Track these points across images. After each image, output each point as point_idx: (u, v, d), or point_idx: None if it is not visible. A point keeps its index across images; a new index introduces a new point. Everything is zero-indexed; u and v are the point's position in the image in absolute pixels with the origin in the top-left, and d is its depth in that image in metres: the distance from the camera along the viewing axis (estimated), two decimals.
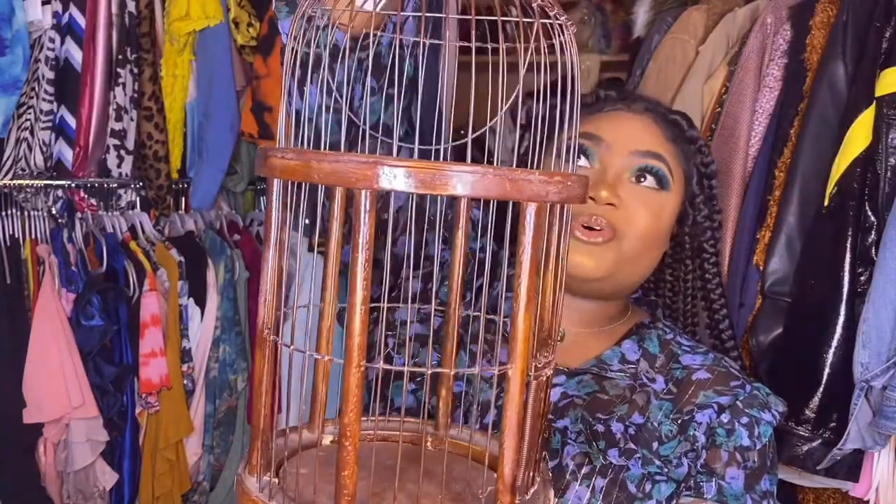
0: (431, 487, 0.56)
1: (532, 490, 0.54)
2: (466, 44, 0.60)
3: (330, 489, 0.53)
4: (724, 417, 0.88)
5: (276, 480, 0.54)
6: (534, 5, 0.54)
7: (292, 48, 0.56)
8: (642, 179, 0.91)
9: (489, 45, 0.58)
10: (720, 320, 1.03)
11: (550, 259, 0.53)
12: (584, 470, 0.84)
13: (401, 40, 0.82)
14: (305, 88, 0.74)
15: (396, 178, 0.43)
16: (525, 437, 0.52)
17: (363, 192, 0.44)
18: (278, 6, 0.86)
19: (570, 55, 0.55)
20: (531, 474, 0.55)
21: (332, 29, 0.69)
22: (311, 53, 0.60)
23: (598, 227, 0.87)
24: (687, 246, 1.00)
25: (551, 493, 0.56)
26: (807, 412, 1.25)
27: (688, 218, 0.98)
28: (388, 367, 0.47)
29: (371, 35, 0.69)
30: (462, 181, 0.43)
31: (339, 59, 0.77)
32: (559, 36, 0.55)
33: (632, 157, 0.91)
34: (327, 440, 0.63)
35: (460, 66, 0.64)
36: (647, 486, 0.84)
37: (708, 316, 1.03)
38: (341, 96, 0.86)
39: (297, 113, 0.86)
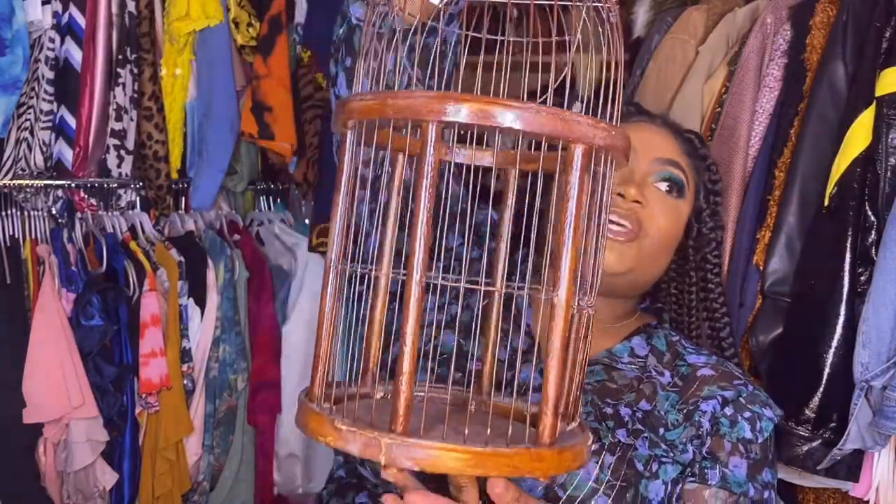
0: (476, 427, 0.59)
1: (573, 424, 0.57)
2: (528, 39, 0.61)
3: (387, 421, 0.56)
4: (728, 410, 0.91)
5: (335, 408, 0.58)
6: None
7: (367, 33, 0.61)
8: (665, 185, 0.98)
9: (540, 40, 0.59)
10: (721, 328, 1.07)
11: (594, 213, 0.58)
12: (594, 447, 0.87)
13: (445, 34, 0.85)
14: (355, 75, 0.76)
15: (461, 111, 0.49)
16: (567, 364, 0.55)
17: (431, 124, 0.50)
18: None
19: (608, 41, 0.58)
20: (571, 410, 0.58)
21: (393, 16, 0.70)
22: (379, 36, 0.63)
23: (625, 223, 0.93)
24: (691, 258, 1.06)
25: (590, 434, 0.59)
26: (807, 412, 1.25)
27: (693, 230, 1.04)
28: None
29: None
30: (518, 116, 0.49)
31: (393, 48, 0.79)
32: (606, 21, 0.59)
33: (656, 163, 0.98)
34: (378, 394, 0.67)
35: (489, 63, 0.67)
36: (654, 467, 0.88)
37: (710, 326, 1.07)
38: (389, 84, 0.88)
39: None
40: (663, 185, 0.98)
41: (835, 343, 1.23)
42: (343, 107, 0.54)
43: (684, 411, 0.91)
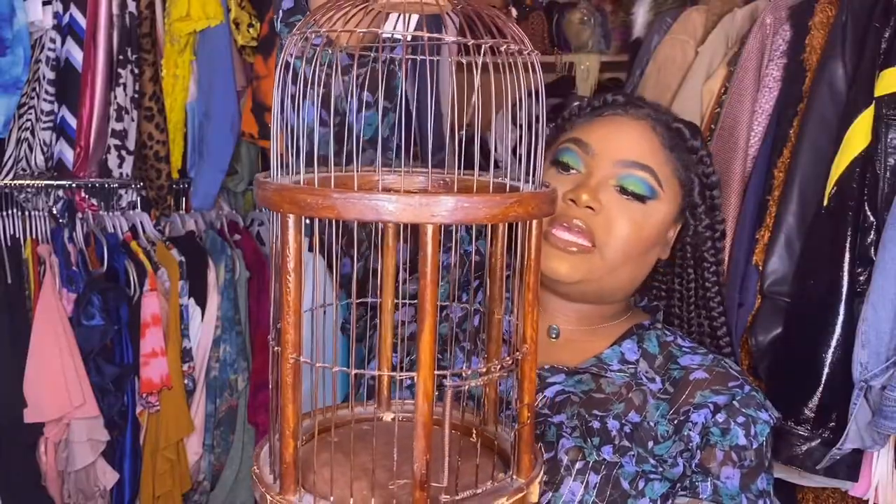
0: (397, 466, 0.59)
1: (472, 493, 0.55)
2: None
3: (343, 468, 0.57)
4: (720, 417, 0.88)
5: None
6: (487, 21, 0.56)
7: (287, 63, 0.58)
8: (625, 190, 0.91)
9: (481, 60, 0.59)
10: (718, 327, 1.04)
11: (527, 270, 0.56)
12: (578, 465, 0.85)
13: (394, 56, 0.83)
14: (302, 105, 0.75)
15: (311, 205, 0.49)
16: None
17: (288, 216, 0.51)
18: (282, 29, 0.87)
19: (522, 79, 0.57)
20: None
21: (323, 47, 0.70)
22: (310, 71, 0.61)
23: (577, 231, 0.88)
24: (688, 255, 1.01)
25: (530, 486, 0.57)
26: (806, 412, 1.25)
27: (689, 227, 0.99)
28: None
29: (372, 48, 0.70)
30: (338, 203, 0.48)
31: (337, 76, 0.78)
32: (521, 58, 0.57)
33: (617, 166, 0.92)
34: (388, 417, 0.70)
35: (458, 68, 0.66)
36: (641, 484, 0.85)
37: (708, 325, 1.04)
38: (337, 111, 0.86)
39: (291, 128, 0.87)
40: (624, 192, 0.91)
41: (834, 343, 1.23)
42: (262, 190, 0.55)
43: (675, 422, 0.88)
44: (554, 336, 0.96)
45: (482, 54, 0.55)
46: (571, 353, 0.95)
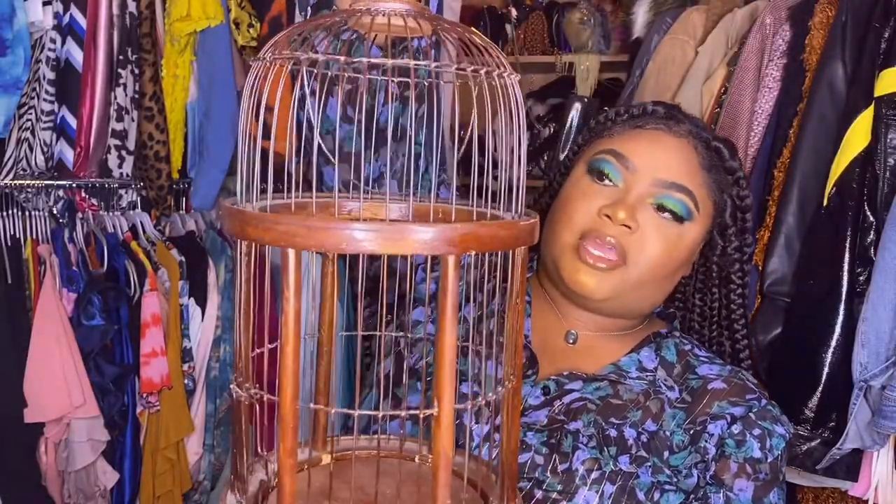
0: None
1: None
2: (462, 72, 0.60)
3: None
4: (736, 428, 0.88)
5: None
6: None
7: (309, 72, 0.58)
8: (663, 210, 0.90)
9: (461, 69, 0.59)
10: (741, 350, 1.03)
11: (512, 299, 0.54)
12: (594, 475, 0.84)
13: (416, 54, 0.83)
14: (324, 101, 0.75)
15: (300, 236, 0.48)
16: None
17: (290, 251, 0.50)
18: None
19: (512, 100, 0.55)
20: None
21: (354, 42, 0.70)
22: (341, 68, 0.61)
23: (609, 248, 0.87)
24: (714, 274, 1.00)
25: None
26: (806, 412, 1.25)
27: (717, 247, 0.97)
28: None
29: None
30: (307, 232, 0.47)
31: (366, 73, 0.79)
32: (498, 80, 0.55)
33: (656, 186, 0.90)
34: (326, 459, 0.67)
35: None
36: (656, 495, 0.84)
37: (730, 346, 1.02)
38: (362, 108, 0.87)
39: (308, 124, 0.88)
40: (662, 212, 0.89)
41: (833, 343, 1.23)
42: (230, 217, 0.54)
43: (691, 432, 0.87)
44: (571, 341, 0.95)
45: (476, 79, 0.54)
46: (589, 359, 0.94)
